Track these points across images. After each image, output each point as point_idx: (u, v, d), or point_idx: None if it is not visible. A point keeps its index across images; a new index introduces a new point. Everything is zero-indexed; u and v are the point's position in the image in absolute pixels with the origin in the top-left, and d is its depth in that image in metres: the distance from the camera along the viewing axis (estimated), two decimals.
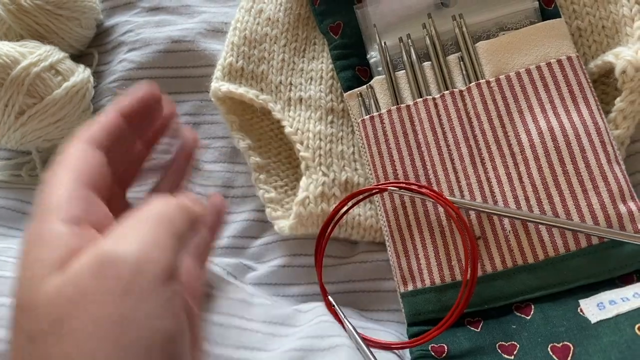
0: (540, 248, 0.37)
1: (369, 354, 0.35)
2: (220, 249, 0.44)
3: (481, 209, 0.38)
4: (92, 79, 0.49)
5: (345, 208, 0.41)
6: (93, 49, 0.54)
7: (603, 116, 0.38)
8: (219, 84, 0.45)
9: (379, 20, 0.45)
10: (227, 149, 0.48)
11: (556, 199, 0.37)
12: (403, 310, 0.40)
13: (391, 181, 0.41)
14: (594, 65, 0.41)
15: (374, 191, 0.41)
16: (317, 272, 0.41)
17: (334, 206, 0.41)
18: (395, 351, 0.38)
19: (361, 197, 0.41)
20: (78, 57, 0.53)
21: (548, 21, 0.41)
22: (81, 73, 0.48)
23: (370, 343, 0.37)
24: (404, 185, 0.40)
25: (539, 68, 0.40)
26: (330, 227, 0.41)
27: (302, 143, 0.43)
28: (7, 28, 0.48)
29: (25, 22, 0.48)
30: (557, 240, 0.37)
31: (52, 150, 0.50)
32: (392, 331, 0.40)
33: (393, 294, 0.41)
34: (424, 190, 0.39)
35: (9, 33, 0.48)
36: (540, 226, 0.37)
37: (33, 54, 0.45)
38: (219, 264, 0.42)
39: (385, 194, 0.41)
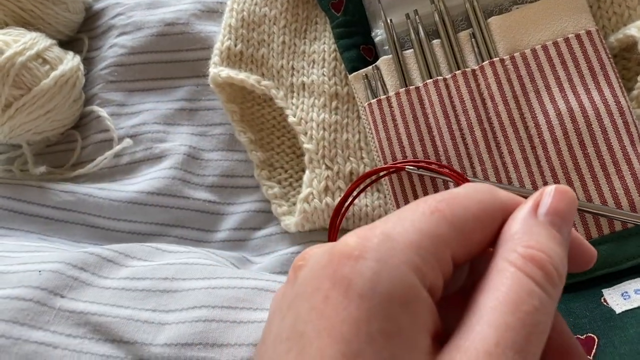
0: None
1: None
2: (221, 242, 0.42)
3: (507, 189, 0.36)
4: (82, 66, 0.47)
5: (357, 190, 0.39)
6: (82, 34, 0.52)
7: (625, 94, 0.36)
8: (218, 70, 0.42)
9: None
10: (225, 136, 0.46)
11: (577, 184, 0.35)
12: None
13: (408, 160, 0.39)
14: (614, 39, 0.38)
15: (390, 170, 0.39)
16: None
17: (339, 199, 0.39)
18: None
19: (375, 177, 0.39)
20: (67, 43, 0.51)
21: None
22: (70, 61, 0.45)
23: None
24: (423, 164, 0.37)
25: (556, 44, 0.37)
26: (344, 208, 0.39)
27: (305, 134, 0.41)
28: None
29: (8, 8, 0.45)
30: (579, 227, 0.35)
31: (44, 143, 0.48)
32: None
33: None
34: (444, 170, 0.37)
35: None
36: None
37: (18, 42, 0.42)
38: (220, 255, 0.40)
39: (395, 178, 0.39)
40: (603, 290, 0.34)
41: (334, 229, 0.40)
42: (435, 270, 0.20)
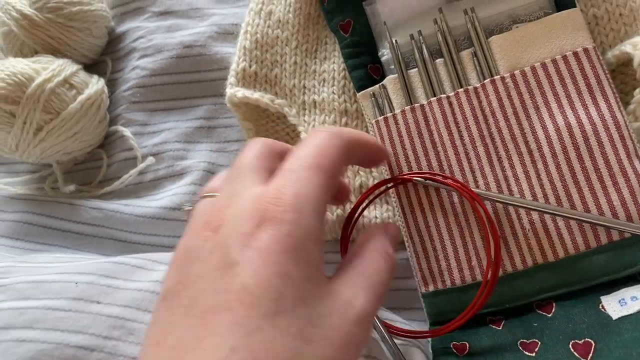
0: (560, 246, 0.37)
1: (390, 342, 0.36)
2: None
3: (508, 202, 0.37)
4: (106, 89, 0.50)
5: (367, 201, 0.41)
6: (106, 56, 0.54)
7: (622, 109, 0.38)
8: (234, 90, 0.45)
9: (389, 16, 0.44)
10: None
11: (575, 196, 0.37)
12: (425, 310, 0.40)
13: (414, 172, 0.41)
14: (611, 56, 0.40)
15: (398, 181, 0.41)
16: None
17: (349, 212, 0.41)
18: (421, 348, 0.39)
19: (383, 188, 0.41)
20: (91, 66, 0.54)
21: (563, 12, 0.40)
22: (95, 84, 0.48)
23: (393, 331, 0.38)
24: (428, 176, 0.40)
25: (554, 61, 0.39)
26: (354, 220, 0.41)
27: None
28: (21, 44, 0.49)
29: (38, 37, 0.48)
30: (577, 237, 0.37)
31: (72, 162, 0.51)
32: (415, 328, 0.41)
33: (414, 293, 0.42)
34: (449, 181, 0.39)
35: (23, 48, 0.49)
36: (559, 224, 0.37)
37: (47, 70, 0.45)
38: None
39: (402, 190, 0.41)
40: (601, 298, 0.35)
41: (345, 240, 0.42)
42: (325, 210, 0.28)
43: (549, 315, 0.37)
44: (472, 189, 0.38)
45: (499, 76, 0.40)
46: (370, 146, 0.35)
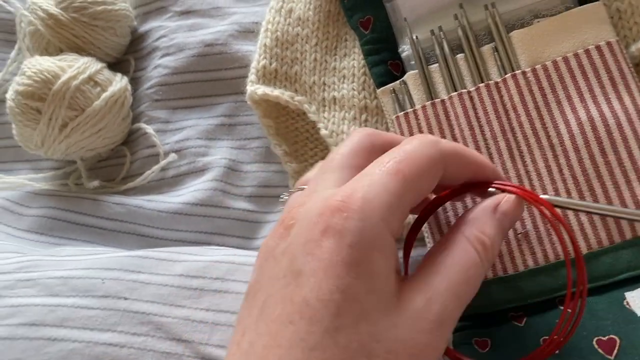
0: (584, 241, 0.37)
1: None
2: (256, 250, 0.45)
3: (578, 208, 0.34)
4: (129, 86, 0.51)
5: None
6: (129, 55, 0.55)
7: None
8: (254, 88, 0.45)
9: (409, 13, 0.44)
10: (262, 149, 0.49)
11: (598, 190, 0.37)
12: None
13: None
14: (635, 49, 0.39)
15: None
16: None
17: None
18: None
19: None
20: (115, 64, 0.55)
21: (585, 6, 0.40)
22: (118, 82, 0.49)
23: None
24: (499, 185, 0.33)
25: (576, 55, 0.39)
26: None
27: (337, 146, 0.43)
28: (47, 42, 0.50)
29: (63, 36, 0.49)
30: (601, 232, 0.36)
31: (96, 158, 0.52)
32: None
33: None
34: (517, 190, 0.32)
35: (49, 47, 0.50)
36: (582, 219, 0.37)
37: (72, 67, 0.46)
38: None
39: None
40: (626, 294, 0.35)
41: (407, 249, 0.36)
42: (399, 220, 0.26)
43: None
44: (541, 197, 0.33)
45: (520, 71, 0.40)
46: (476, 163, 0.31)
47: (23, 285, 0.37)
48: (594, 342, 0.34)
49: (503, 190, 0.32)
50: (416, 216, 0.35)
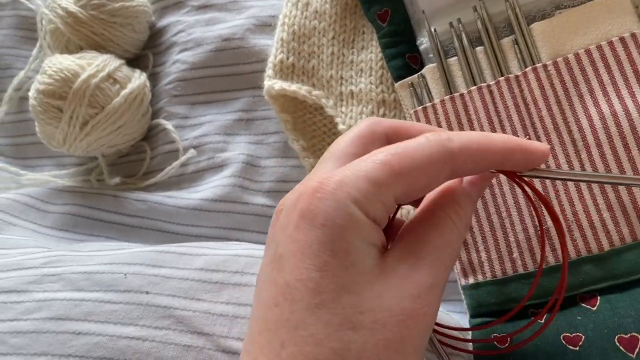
0: (605, 238, 0.36)
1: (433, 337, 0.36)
2: None
3: (554, 177, 0.34)
4: (148, 83, 0.51)
5: None
6: (148, 50, 0.56)
7: None
8: (271, 82, 0.45)
9: (427, 5, 0.44)
10: (280, 144, 0.49)
11: (621, 186, 0.36)
12: (465, 302, 0.40)
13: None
14: None
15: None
16: None
17: None
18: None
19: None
20: (134, 60, 0.55)
21: None
22: (137, 79, 0.49)
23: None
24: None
25: (599, 48, 0.38)
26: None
27: None
28: (67, 40, 0.50)
29: (83, 33, 0.50)
30: (623, 229, 0.36)
31: (116, 154, 0.52)
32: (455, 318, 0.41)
33: (453, 285, 0.41)
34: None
35: (69, 45, 0.51)
36: (604, 215, 0.36)
37: (91, 65, 0.47)
38: None
39: None
40: None
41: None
42: (378, 208, 0.26)
43: (594, 309, 0.36)
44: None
45: (541, 64, 0.39)
46: (504, 150, 0.29)
47: (49, 280, 0.38)
48: (616, 340, 0.33)
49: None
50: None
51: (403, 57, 0.44)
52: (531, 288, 0.35)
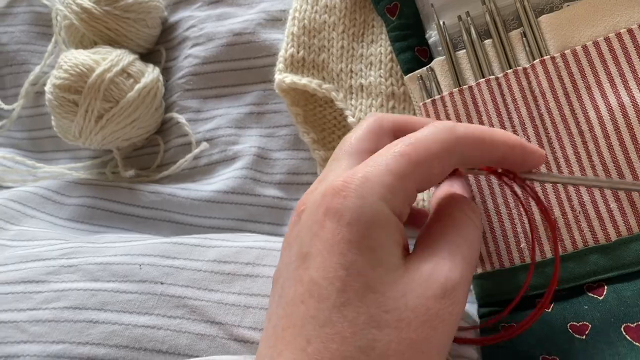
0: (612, 228, 0.36)
1: None
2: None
3: (553, 181, 0.37)
4: (161, 77, 0.52)
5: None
6: (160, 45, 0.56)
7: None
8: (282, 76, 0.46)
9: None
10: (290, 137, 0.49)
11: (628, 177, 0.36)
12: (473, 291, 0.40)
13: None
14: None
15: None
16: None
17: None
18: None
19: None
20: (147, 55, 0.56)
21: None
22: (151, 73, 0.50)
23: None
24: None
25: (607, 40, 0.38)
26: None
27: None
28: (82, 36, 0.51)
29: (97, 29, 0.51)
30: (630, 219, 0.36)
31: (131, 148, 0.53)
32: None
33: None
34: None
35: (84, 40, 0.51)
36: (611, 205, 0.36)
37: (106, 60, 0.48)
38: None
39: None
40: None
41: None
42: (402, 201, 0.27)
43: (600, 298, 0.36)
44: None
45: (549, 56, 0.39)
46: (506, 145, 0.31)
47: (66, 270, 0.39)
48: (622, 329, 0.34)
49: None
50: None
51: (412, 50, 0.45)
52: (526, 279, 0.35)
